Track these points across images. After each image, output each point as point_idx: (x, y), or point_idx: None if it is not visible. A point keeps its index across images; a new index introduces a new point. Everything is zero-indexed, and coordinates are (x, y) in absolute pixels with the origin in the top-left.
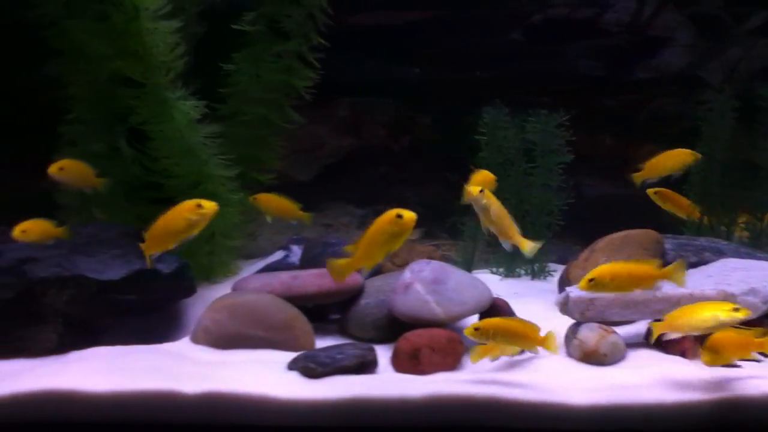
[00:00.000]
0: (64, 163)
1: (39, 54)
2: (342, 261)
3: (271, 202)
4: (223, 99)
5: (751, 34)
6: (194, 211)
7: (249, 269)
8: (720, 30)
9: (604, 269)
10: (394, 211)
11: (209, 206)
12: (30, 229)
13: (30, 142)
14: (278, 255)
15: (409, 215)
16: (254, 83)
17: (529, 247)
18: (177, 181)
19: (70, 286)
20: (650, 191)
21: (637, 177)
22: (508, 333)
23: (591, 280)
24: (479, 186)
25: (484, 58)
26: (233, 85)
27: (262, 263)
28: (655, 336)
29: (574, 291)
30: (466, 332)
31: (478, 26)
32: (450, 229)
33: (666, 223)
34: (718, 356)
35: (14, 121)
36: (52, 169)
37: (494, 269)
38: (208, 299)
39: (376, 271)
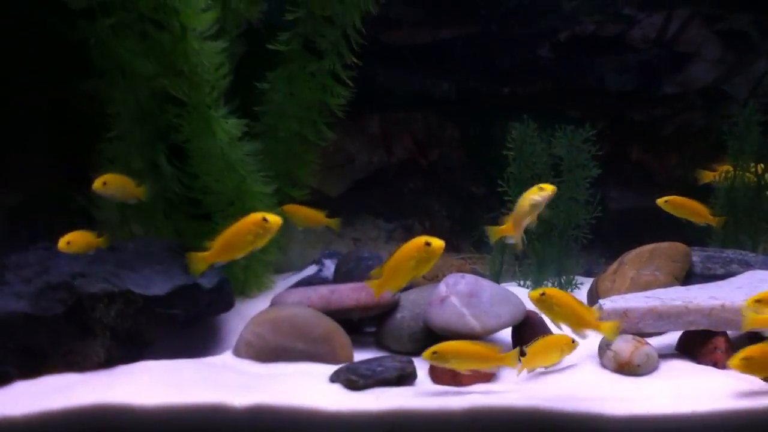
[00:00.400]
0: (107, 177)
1: (80, 72)
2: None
3: (299, 211)
4: (258, 116)
5: None
6: (260, 225)
7: (282, 283)
8: (746, 45)
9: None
10: (423, 238)
11: (274, 220)
12: (74, 241)
13: (69, 159)
14: (311, 269)
15: (437, 243)
16: (289, 101)
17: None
18: (215, 197)
19: (117, 301)
20: (660, 201)
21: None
22: (466, 355)
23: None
24: None
25: (512, 74)
26: (268, 103)
27: (294, 277)
28: None
29: (608, 303)
30: (424, 356)
31: (507, 43)
32: (476, 242)
33: (691, 237)
34: (753, 367)
35: (53, 139)
36: (96, 185)
37: (521, 282)
38: (244, 313)
39: (407, 285)
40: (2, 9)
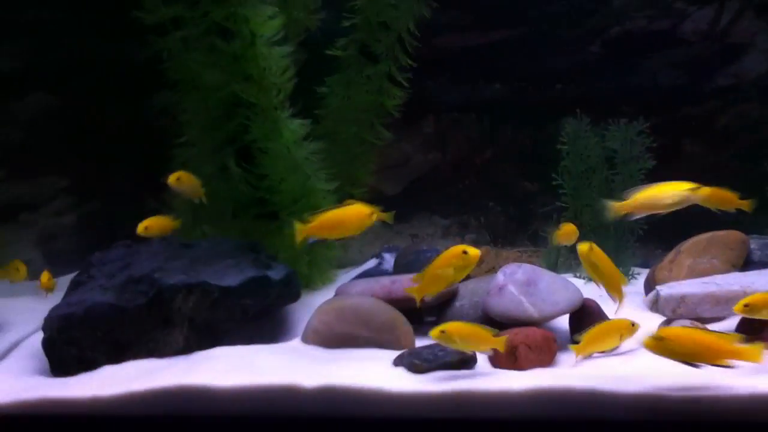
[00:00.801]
0: (180, 174)
1: (151, 86)
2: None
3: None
4: (319, 119)
5: None
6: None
7: (344, 277)
8: None
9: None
10: (461, 247)
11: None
12: (151, 226)
13: (142, 167)
14: (372, 263)
15: (473, 252)
16: (347, 104)
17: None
18: (281, 197)
19: (195, 292)
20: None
21: None
22: (468, 336)
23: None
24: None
25: (563, 73)
26: (327, 107)
27: (355, 271)
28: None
29: (665, 289)
30: (432, 334)
31: (557, 43)
32: (532, 236)
33: (747, 225)
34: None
35: (128, 149)
36: (171, 179)
37: (578, 274)
38: (310, 304)
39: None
40: (79, 40)
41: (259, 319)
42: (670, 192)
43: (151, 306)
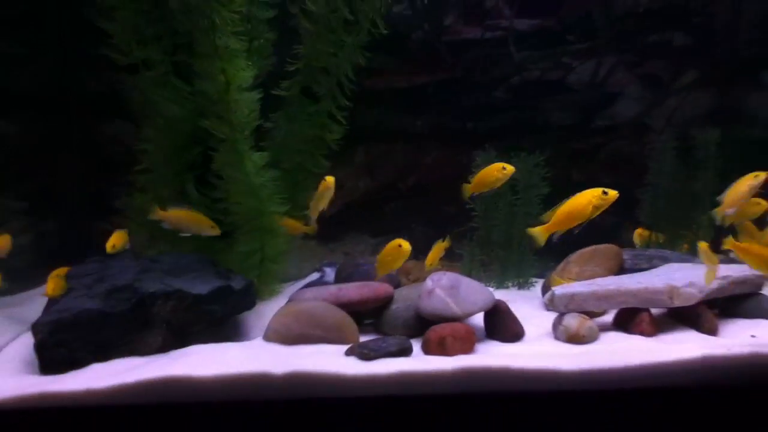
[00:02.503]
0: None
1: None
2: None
3: (287, 222)
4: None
5: (684, 88)
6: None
7: (289, 289)
8: (660, 86)
9: None
10: (397, 241)
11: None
12: (117, 242)
13: (95, 190)
14: (314, 276)
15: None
16: (291, 137)
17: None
18: (235, 218)
19: (172, 299)
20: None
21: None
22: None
23: None
24: None
25: (474, 112)
26: (273, 139)
27: (300, 284)
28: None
29: (559, 289)
30: None
31: (469, 87)
32: (449, 253)
33: (623, 241)
34: None
35: (81, 173)
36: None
37: (487, 283)
38: (260, 312)
39: (397, 286)
40: (37, 71)
41: (222, 323)
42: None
43: (133, 311)
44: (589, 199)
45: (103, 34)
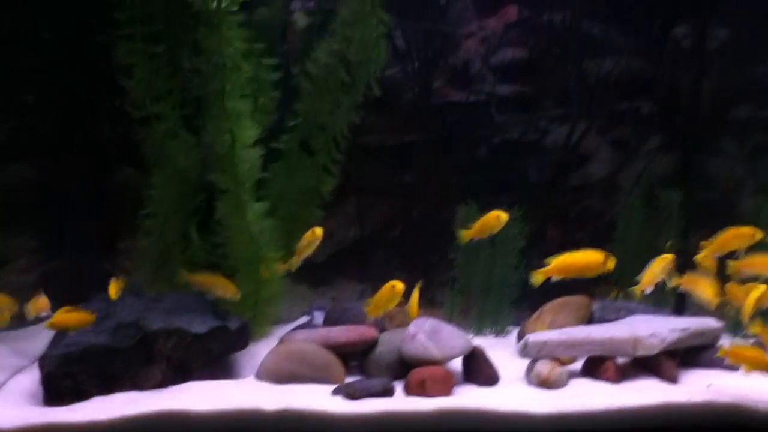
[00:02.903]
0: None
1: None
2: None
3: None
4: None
5: (650, 151)
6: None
7: (279, 331)
8: (629, 149)
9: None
10: (392, 283)
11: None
12: (116, 289)
13: (102, 232)
14: (304, 319)
15: (399, 285)
16: (287, 187)
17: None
18: (233, 262)
19: (173, 336)
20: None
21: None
22: None
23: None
24: None
25: (458, 168)
26: (270, 189)
27: (290, 326)
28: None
29: (532, 336)
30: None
31: (454, 145)
32: (431, 300)
33: (594, 292)
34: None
35: (91, 216)
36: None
37: (466, 330)
38: (252, 352)
39: (382, 330)
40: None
41: (219, 361)
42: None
43: (137, 346)
44: (591, 260)
45: (120, 88)
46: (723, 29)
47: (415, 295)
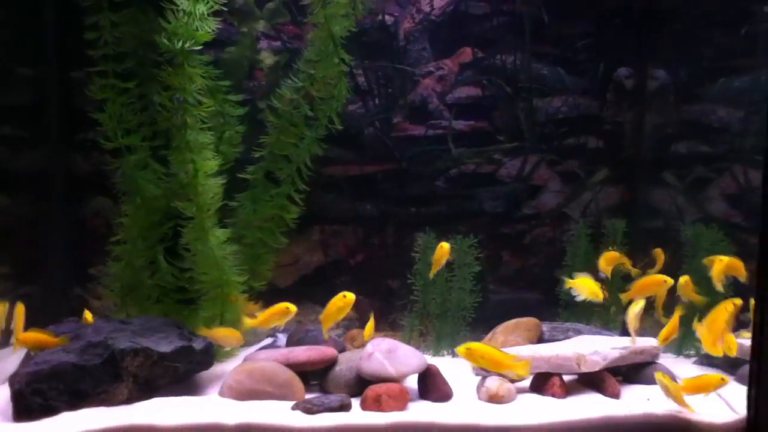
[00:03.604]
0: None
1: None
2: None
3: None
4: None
5: (597, 184)
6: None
7: (244, 352)
8: (577, 181)
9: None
10: (341, 294)
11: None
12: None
13: (74, 258)
14: (268, 340)
15: (350, 296)
16: (253, 215)
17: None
18: (199, 286)
19: (140, 355)
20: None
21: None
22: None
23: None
24: None
25: (417, 199)
26: (237, 216)
27: (253, 348)
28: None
29: None
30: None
31: (413, 177)
32: (391, 323)
33: (544, 315)
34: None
35: (64, 242)
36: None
37: (424, 351)
38: (217, 371)
39: (342, 350)
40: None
41: (184, 380)
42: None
43: (105, 365)
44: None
45: (93, 122)
46: (662, 71)
47: (371, 322)
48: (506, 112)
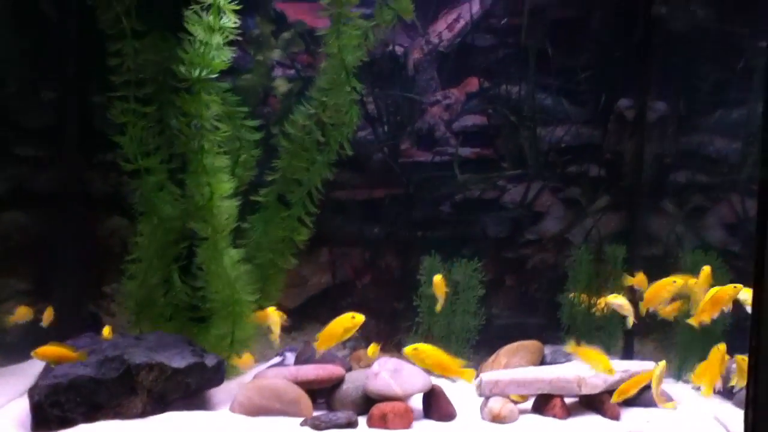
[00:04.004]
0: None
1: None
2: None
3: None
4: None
5: (598, 210)
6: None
7: (254, 370)
8: (579, 207)
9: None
10: (349, 314)
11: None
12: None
13: (90, 276)
14: (276, 359)
15: (359, 317)
16: (265, 237)
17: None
18: (212, 305)
19: (155, 370)
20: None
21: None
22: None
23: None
24: None
25: (424, 223)
26: (249, 238)
27: (263, 366)
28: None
29: (485, 375)
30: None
31: (420, 201)
32: (397, 344)
33: (546, 338)
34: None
35: (80, 261)
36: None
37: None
38: (227, 388)
39: (348, 369)
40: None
41: (196, 395)
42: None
43: (121, 378)
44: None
45: (111, 144)
46: (661, 103)
47: (374, 344)
48: (510, 140)
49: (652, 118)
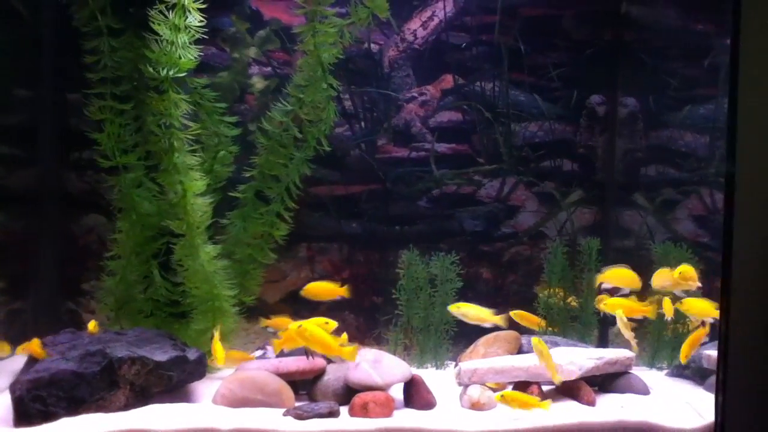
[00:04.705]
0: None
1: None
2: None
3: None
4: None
5: (572, 204)
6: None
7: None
8: (553, 201)
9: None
10: (324, 319)
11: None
12: (91, 328)
13: (67, 273)
14: (258, 353)
15: (332, 323)
16: (243, 232)
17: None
18: (192, 300)
19: (137, 363)
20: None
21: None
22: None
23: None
24: None
25: (401, 218)
26: (228, 233)
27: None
28: None
29: (464, 364)
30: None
31: (397, 197)
32: (376, 337)
33: (524, 328)
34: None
35: (57, 258)
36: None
37: (408, 364)
38: (208, 382)
39: (329, 361)
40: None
41: (178, 388)
42: None
43: (103, 372)
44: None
45: (88, 141)
46: (631, 99)
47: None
48: (486, 136)
49: (623, 114)
